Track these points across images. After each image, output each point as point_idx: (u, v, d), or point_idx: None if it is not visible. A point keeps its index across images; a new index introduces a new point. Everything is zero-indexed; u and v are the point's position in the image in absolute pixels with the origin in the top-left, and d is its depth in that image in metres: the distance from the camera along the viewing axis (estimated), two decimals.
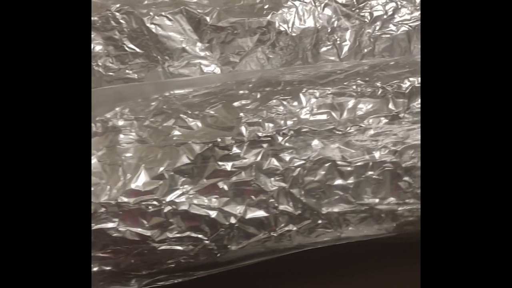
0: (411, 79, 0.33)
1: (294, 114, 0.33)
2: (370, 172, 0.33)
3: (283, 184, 0.32)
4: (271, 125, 0.32)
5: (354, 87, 0.33)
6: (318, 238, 0.35)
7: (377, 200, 0.34)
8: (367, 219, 0.35)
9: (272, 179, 0.32)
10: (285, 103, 0.33)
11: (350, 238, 0.36)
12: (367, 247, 0.37)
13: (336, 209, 0.33)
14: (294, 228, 0.33)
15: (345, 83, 0.33)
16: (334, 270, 0.38)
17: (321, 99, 0.33)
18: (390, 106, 0.33)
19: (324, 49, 0.40)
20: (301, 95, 0.33)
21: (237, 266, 0.34)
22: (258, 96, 0.33)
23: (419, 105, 0.33)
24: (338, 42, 0.40)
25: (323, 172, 0.33)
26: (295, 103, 0.33)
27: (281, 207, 0.32)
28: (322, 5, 0.40)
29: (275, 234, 0.33)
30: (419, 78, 0.33)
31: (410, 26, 0.40)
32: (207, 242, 0.31)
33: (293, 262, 0.35)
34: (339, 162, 0.33)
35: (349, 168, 0.33)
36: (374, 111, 0.33)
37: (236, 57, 0.40)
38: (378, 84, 0.33)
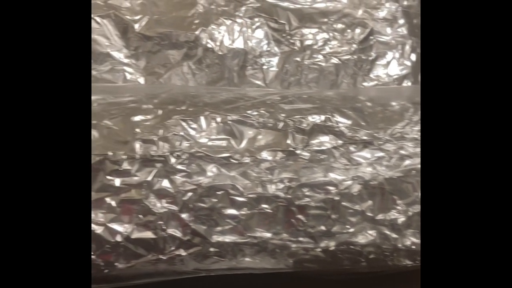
0: (314, 116, 0.33)
1: (191, 136, 0.32)
2: (264, 205, 0.32)
3: (173, 207, 0.32)
4: (166, 145, 0.32)
5: (257, 117, 0.33)
6: (213, 265, 0.34)
7: (269, 235, 0.33)
8: (261, 252, 0.34)
9: (163, 200, 0.32)
10: (184, 124, 0.32)
11: (249, 269, 0.36)
12: None
13: (227, 239, 0.33)
14: (184, 253, 0.33)
15: (248, 112, 0.33)
16: None
17: (222, 125, 0.32)
18: (289, 141, 0.32)
19: (250, 72, 0.39)
20: (202, 118, 0.32)
21: (129, 284, 0.33)
22: (160, 113, 0.33)
23: (320, 143, 0.32)
24: (265, 67, 0.39)
25: (215, 200, 0.32)
26: (194, 126, 0.32)
27: (170, 231, 0.32)
28: (254, 27, 0.39)
29: (164, 257, 0.32)
30: (324, 116, 0.33)
31: (339, 59, 0.39)
32: (93, 257, 0.31)
33: None
34: (232, 191, 0.32)
35: (241, 199, 0.32)
36: (273, 144, 0.32)
37: (162, 69, 0.39)
38: (281, 117, 0.33)
